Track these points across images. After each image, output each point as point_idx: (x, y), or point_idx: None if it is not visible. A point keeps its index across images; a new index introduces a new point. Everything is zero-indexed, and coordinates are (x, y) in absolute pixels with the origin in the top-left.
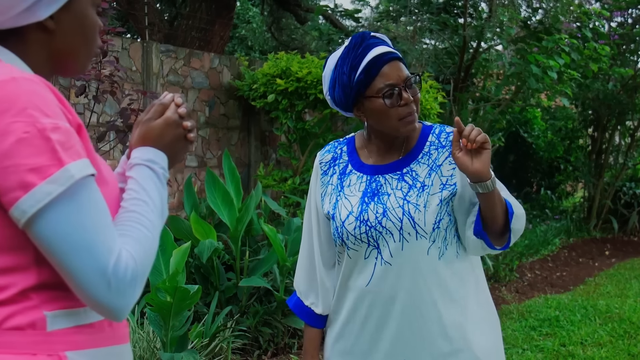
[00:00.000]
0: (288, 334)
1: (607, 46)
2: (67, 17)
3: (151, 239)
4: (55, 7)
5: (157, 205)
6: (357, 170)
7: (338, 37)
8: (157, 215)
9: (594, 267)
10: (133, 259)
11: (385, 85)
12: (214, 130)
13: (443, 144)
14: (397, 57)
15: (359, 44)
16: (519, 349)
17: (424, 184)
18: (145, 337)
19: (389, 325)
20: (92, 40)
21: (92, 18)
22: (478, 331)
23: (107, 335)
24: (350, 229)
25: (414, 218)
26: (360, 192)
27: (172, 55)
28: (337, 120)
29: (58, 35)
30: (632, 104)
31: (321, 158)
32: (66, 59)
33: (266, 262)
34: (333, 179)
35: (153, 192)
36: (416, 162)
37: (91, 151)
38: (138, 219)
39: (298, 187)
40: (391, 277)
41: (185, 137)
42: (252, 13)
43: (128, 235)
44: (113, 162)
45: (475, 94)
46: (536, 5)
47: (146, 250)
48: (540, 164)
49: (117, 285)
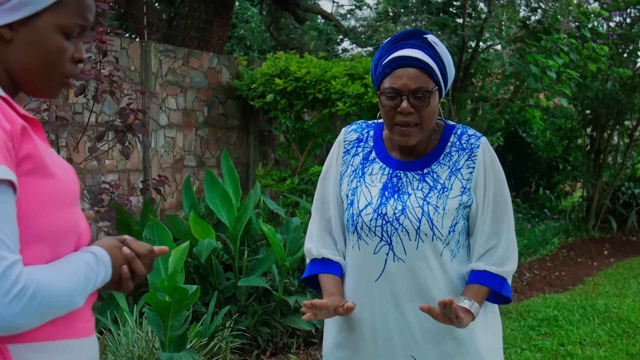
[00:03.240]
0: (287, 334)
1: (605, 46)
2: (25, 32)
3: (66, 287)
4: (11, 18)
5: (82, 282)
6: (381, 160)
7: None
8: (78, 285)
9: (593, 267)
10: (32, 280)
11: (390, 87)
12: (212, 130)
13: (464, 146)
14: (417, 65)
15: (400, 38)
16: (517, 348)
17: (444, 187)
18: (144, 336)
19: (398, 321)
20: (52, 64)
21: (55, 42)
22: (485, 333)
23: (58, 329)
24: (367, 219)
25: (433, 220)
26: (380, 183)
27: (170, 55)
28: (336, 120)
29: (14, 47)
30: (630, 103)
31: (346, 135)
32: (22, 76)
33: (265, 262)
34: (355, 160)
35: (89, 273)
36: (437, 163)
37: (36, 148)
38: (71, 265)
39: (297, 186)
40: (403, 274)
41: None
42: (250, 13)
43: (44, 267)
44: (112, 162)
45: (474, 94)
46: (535, 5)
47: (52, 288)
48: (539, 163)
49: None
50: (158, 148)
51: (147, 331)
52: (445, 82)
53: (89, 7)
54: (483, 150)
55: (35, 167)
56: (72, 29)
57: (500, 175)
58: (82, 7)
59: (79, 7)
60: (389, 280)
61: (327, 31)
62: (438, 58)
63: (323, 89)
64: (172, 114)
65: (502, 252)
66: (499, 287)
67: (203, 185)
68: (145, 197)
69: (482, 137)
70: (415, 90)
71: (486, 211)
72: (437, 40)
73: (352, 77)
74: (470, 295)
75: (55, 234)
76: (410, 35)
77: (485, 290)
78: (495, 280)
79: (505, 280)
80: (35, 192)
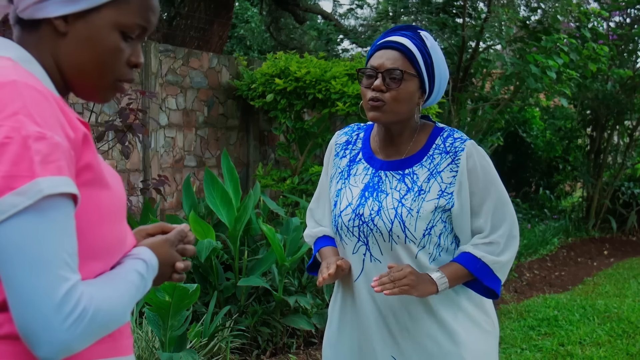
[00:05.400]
0: (287, 334)
1: (605, 46)
2: (81, 26)
3: (122, 302)
4: (68, 10)
5: (133, 294)
6: (366, 161)
7: (337, 36)
8: (132, 296)
9: (593, 267)
10: (91, 300)
11: (370, 65)
12: (212, 130)
13: (448, 149)
14: (398, 48)
15: (395, 29)
16: (517, 348)
17: (421, 189)
18: (144, 336)
19: (377, 322)
20: (105, 64)
21: (111, 41)
22: (469, 334)
23: (107, 346)
24: (345, 220)
25: (405, 222)
26: (362, 184)
27: (170, 55)
28: (335, 119)
29: (67, 41)
30: (630, 103)
31: (337, 139)
32: (73, 74)
33: (265, 262)
34: (342, 162)
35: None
36: (419, 164)
37: (95, 157)
38: (125, 277)
39: (297, 186)
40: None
41: (173, 268)
42: (250, 13)
43: (100, 283)
44: (111, 161)
45: (474, 94)
46: (535, 5)
47: (110, 307)
48: (538, 163)
49: (60, 316)
50: (158, 148)
51: (147, 331)
52: (430, 78)
53: (153, 8)
54: (468, 154)
55: (94, 178)
56: (132, 29)
57: (489, 177)
58: (146, 7)
59: (143, 6)
60: (367, 280)
61: (327, 31)
62: (425, 51)
63: (323, 89)
64: (172, 114)
65: (495, 246)
66: (481, 275)
67: (203, 185)
68: (145, 197)
69: (468, 140)
70: (391, 69)
71: (477, 212)
72: (429, 36)
73: (352, 77)
74: (445, 271)
75: (109, 250)
76: (405, 27)
77: (464, 272)
78: (477, 266)
79: (490, 270)
80: (92, 204)
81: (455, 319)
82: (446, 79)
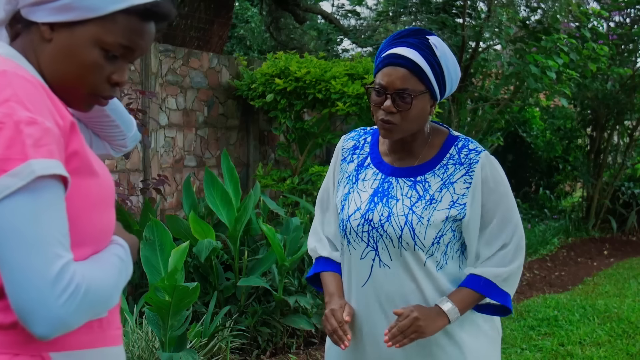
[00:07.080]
0: (287, 334)
1: (605, 46)
2: (64, 36)
3: (109, 282)
4: (55, 19)
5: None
6: (375, 166)
7: (337, 36)
8: (122, 275)
9: (593, 267)
10: (83, 278)
11: (378, 82)
12: (212, 130)
13: (462, 160)
14: (407, 65)
15: (402, 35)
16: (517, 348)
17: (433, 198)
18: (143, 336)
19: (383, 327)
20: (80, 77)
21: (89, 56)
22: (474, 340)
23: (96, 336)
24: (354, 225)
25: (415, 230)
26: (372, 189)
27: (170, 54)
28: (335, 119)
29: (51, 47)
30: (630, 103)
31: (344, 144)
32: (52, 77)
33: (265, 262)
34: (350, 167)
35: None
36: (432, 172)
37: (82, 146)
38: (108, 260)
39: (297, 186)
40: (389, 280)
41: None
42: (250, 13)
43: (89, 264)
44: (112, 161)
45: (474, 94)
46: (535, 5)
47: (100, 285)
48: (538, 163)
49: (56, 292)
50: (158, 148)
51: (147, 331)
52: (441, 87)
53: (141, 32)
54: (482, 166)
55: (81, 166)
56: (114, 47)
57: (502, 188)
58: (133, 29)
59: (129, 28)
60: (375, 285)
61: (327, 31)
62: (435, 62)
63: (323, 89)
64: (172, 114)
65: (502, 258)
66: (487, 292)
67: (203, 185)
68: (145, 197)
69: (483, 151)
70: (401, 90)
71: (487, 224)
72: (439, 42)
73: (352, 77)
74: (454, 299)
75: (98, 237)
76: (412, 33)
77: (472, 294)
78: (480, 283)
79: (494, 285)
80: (80, 191)
81: (461, 326)
82: (457, 78)
